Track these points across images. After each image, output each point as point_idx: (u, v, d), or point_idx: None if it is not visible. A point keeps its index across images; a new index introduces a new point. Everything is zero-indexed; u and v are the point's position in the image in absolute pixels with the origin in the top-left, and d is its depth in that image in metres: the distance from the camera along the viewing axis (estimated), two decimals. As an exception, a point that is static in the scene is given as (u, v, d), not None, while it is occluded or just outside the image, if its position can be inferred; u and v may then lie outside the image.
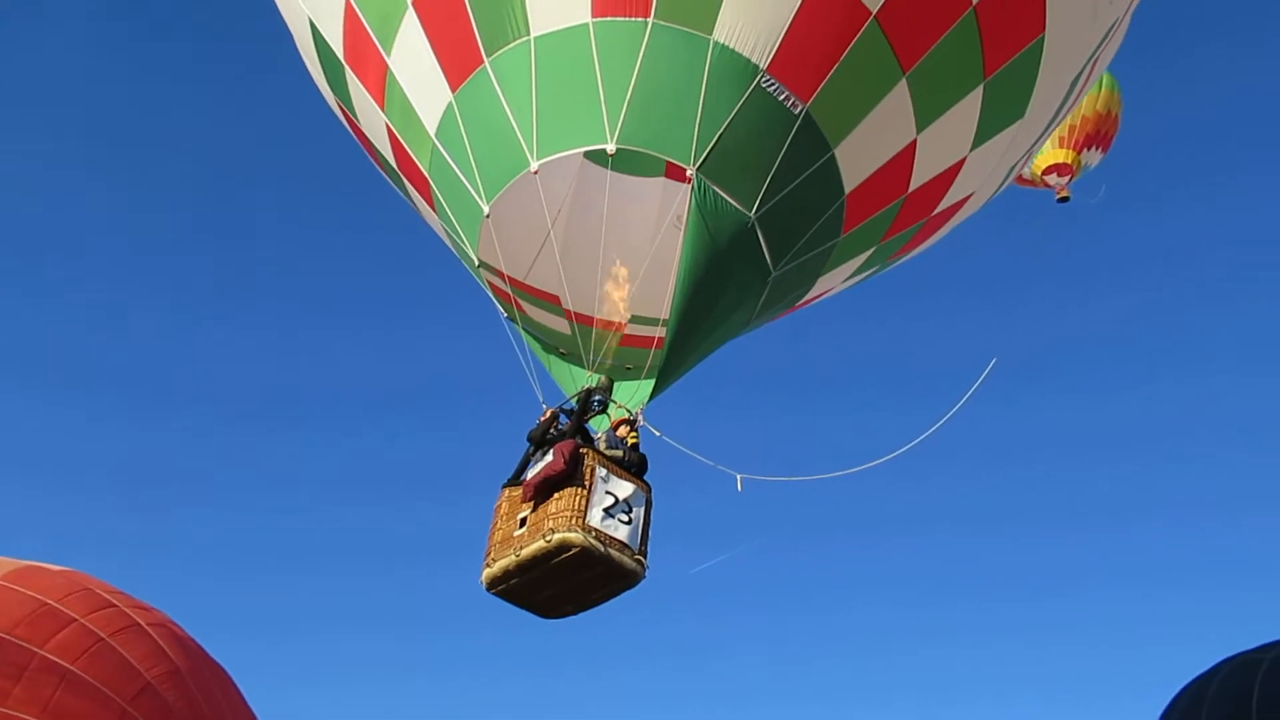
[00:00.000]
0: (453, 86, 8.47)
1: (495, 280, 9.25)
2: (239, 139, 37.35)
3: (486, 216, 8.47)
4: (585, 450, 7.26)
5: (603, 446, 7.52)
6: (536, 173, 8.15)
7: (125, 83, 34.97)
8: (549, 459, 7.13)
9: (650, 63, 7.89)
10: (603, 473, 7.19)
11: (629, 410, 8.19)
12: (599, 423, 8.22)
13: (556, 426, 7.72)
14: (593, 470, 7.15)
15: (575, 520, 6.91)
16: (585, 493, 7.02)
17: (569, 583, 7.19)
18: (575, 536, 6.86)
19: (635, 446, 7.79)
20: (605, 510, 7.05)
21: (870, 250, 9.58)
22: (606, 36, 7.92)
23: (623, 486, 7.24)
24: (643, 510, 7.31)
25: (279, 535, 34.79)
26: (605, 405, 8.16)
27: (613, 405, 8.24)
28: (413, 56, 8.68)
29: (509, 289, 9.41)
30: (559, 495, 7.06)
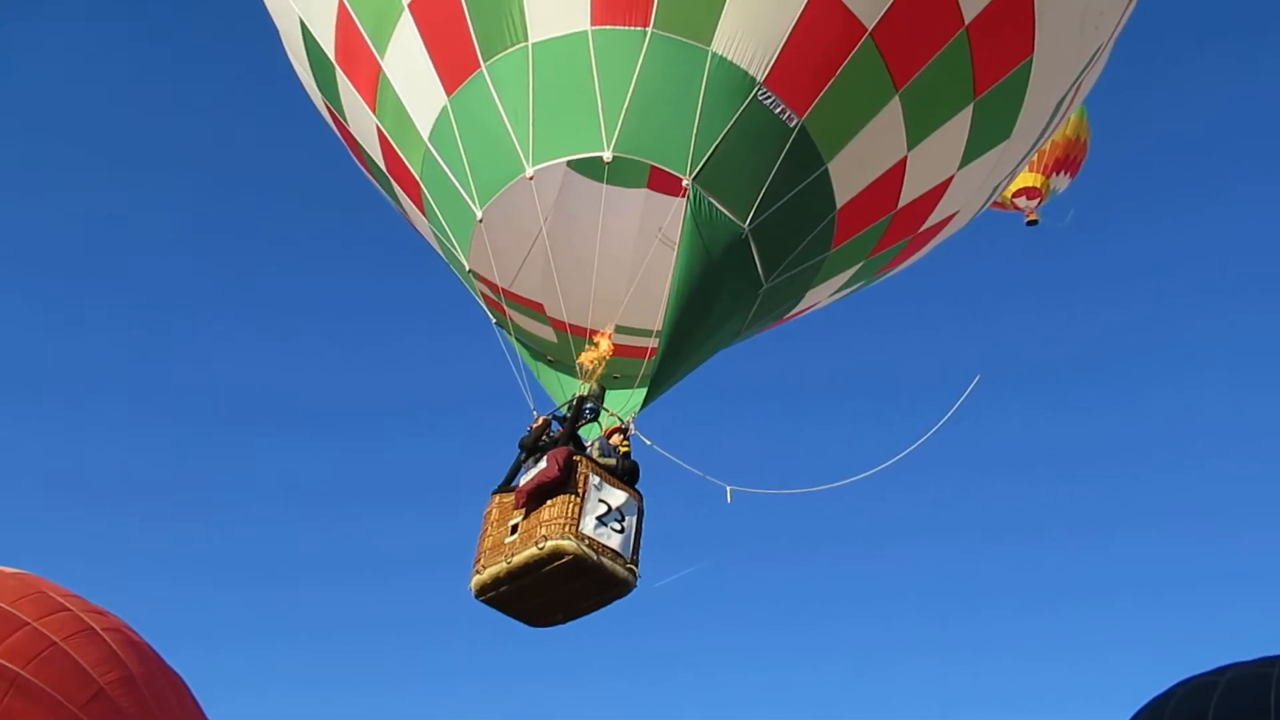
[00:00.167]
0: (448, 90, 8.43)
1: (484, 286, 9.19)
2: (217, 141, 36.82)
3: (479, 221, 8.42)
4: (578, 458, 7.21)
5: (596, 454, 7.47)
6: (532, 178, 8.13)
7: (105, 82, 34.34)
8: (542, 465, 7.07)
9: (648, 72, 7.89)
10: (596, 480, 7.14)
11: (621, 419, 8.16)
12: (589, 431, 8.16)
13: (548, 434, 7.67)
14: (586, 478, 7.10)
15: (568, 528, 6.85)
16: (578, 500, 6.97)
17: (560, 591, 7.12)
18: (568, 544, 6.80)
19: (627, 455, 7.76)
20: (598, 518, 7.00)
21: (858, 265, 9.65)
22: (605, 45, 7.92)
23: (615, 495, 7.19)
24: (635, 519, 7.27)
25: (245, 544, 34.21)
26: (597, 413, 8.11)
27: (604, 413, 8.19)
28: (407, 59, 8.62)
29: (497, 295, 9.35)
30: (552, 502, 6.99)
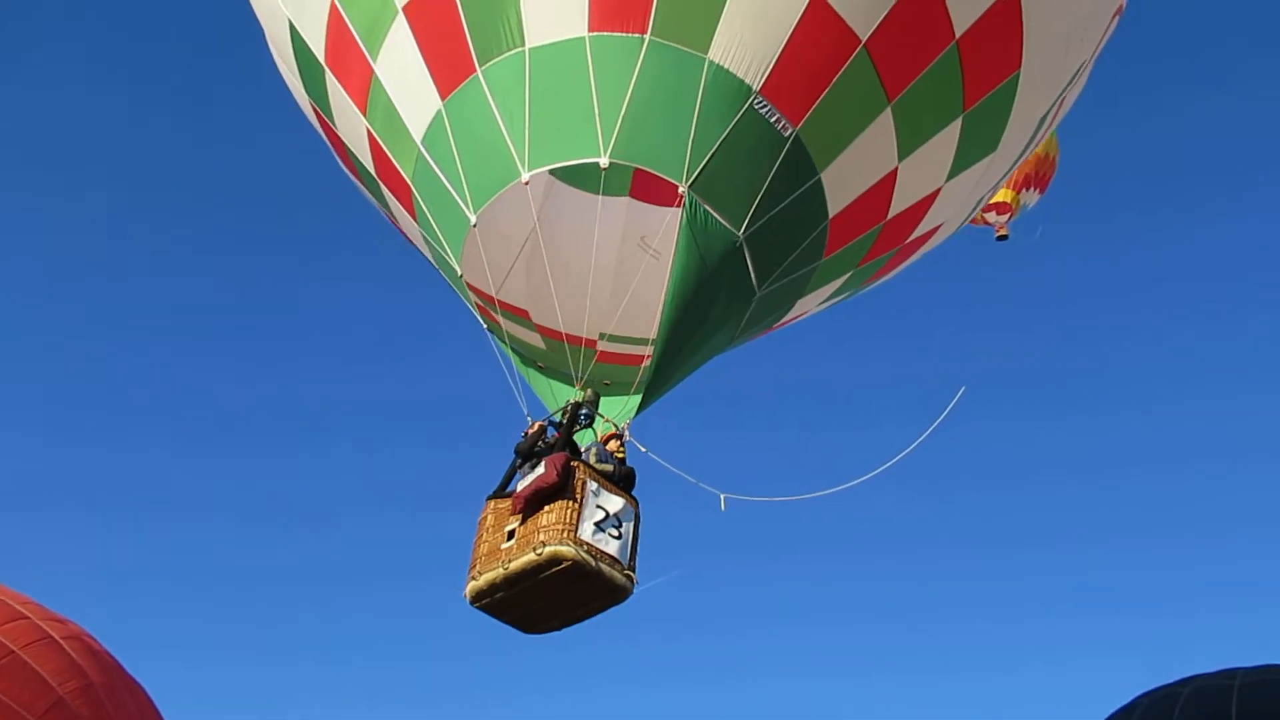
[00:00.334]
0: (442, 94, 8.39)
1: (475, 292, 9.15)
2: (196, 142, 36.34)
3: (473, 226, 8.38)
4: (576, 464, 7.18)
5: (593, 460, 7.44)
6: (527, 184, 8.10)
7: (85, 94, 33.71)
8: (540, 471, 7.03)
9: (645, 79, 7.90)
10: (593, 486, 7.11)
11: (615, 425, 8.13)
12: (582, 437, 8.14)
13: (544, 440, 7.63)
14: (584, 483, 7.07)
15: (566, 533, 6.81)
16: (576, 506, 6.93)
17: (557, 597, 7.07)
18: (567, 550, 6.76)
19: (622, 461, 7.73)
20: (596, 524, 6.97)
21: (848, 274, 9.71)
22: (602, 51, 7.92)
23: (613, 501, 7.17)
24: (632, 525, 7.25)
25: (209, 552, 33.66)
26: (591, 419, 8.09)
27: (599, 419, 8.17)
28: (400, 62, 8.57)
29: (487, 302, 9.31)
30: (549, 508, 6.95)
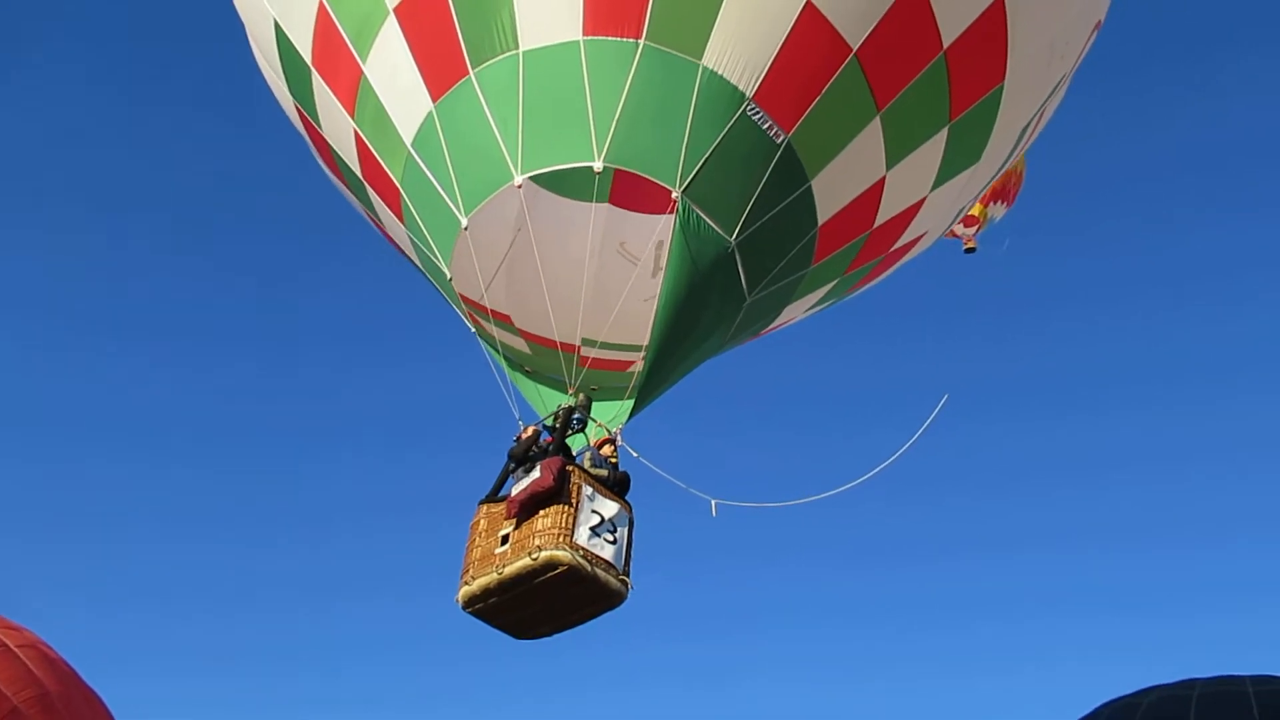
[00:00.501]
0: (434, 96, 8.33)
1: (463, 295, 9.08)
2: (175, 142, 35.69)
3: (464, 229, 8.32)
4: (571, 468, 7.14)
5: (587, 465, 7.41)
6: (520, 187, 8.07)
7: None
8: (536, 475, 6.98)
9: (640, 84, 7.90)
10: (589, 491, 7.08)
11: (608, 429, 8.11)
12: (574, 442, 8.09)
13: (538, 444, 7.58)
14: (579, 488, 7.03)
15: (562, 538, 6.77)
16: (572, 511, 6.90)
17: (551, 602, 7.03)
18: (563, 554, 6.72)
19: (615, 466, 7.71)
20: (592, 529, 6.94)
21: (834, 282, 9.76)
22: (597, 55, 7.91)
23: (608, 506, 7.14)
24: (626, 530, 7.22)
25: (165, 562, 32.96)
26: (584, 424, 8.06)
27: (592, 424, 8.14)
28: (391, 64, 8.51)
29: (473, 305, 9.25)
30: (545, 512, 6.91)
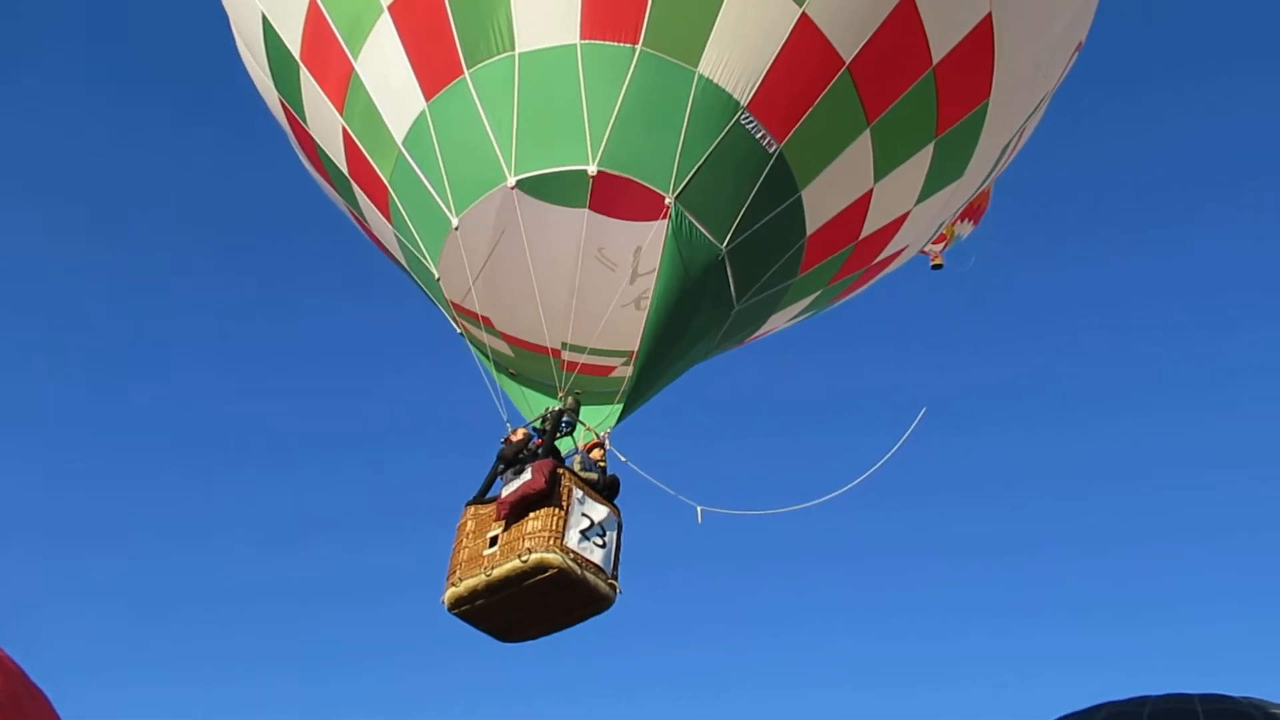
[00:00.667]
0: (427, 95, 8.29)
1: (451, 295, 9.03)
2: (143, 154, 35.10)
3: (455, 229, 8.28)
4: (562, 471, 7.12)
5: (577, 468, 7.39)
6: (513, 188, 8.04)
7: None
8: (527, 477, 6.94)
9: (636, 89, 7.92)
10: (579, 494, 7.06)
11: (597, 433, 8.09)
12: (561, 445, 8.07)
13: (528, 447, 7.55)
14: (569, 491, 7.01)
15: (553, 541, 6.74)
16: (563, 514, 6.87)
17: (538, 605, 6.99)
18: (554, 557, 6.69)
19: (604, 470, 7.69)
20: (582, 532, 6.91)
21: (818, 292, 9.83)
22: (594, 59, 7.92)
23: (598, 509, 7.12)
24: (615, 534, 7.21)
25: (117, 565, 32.30)
26: (572, 427, 8.04)
27: (580, 427, 8.12)
28: (384, 62, 8.45)
29: (458, 308, 9.20)
30: (535, 515, 6.88)
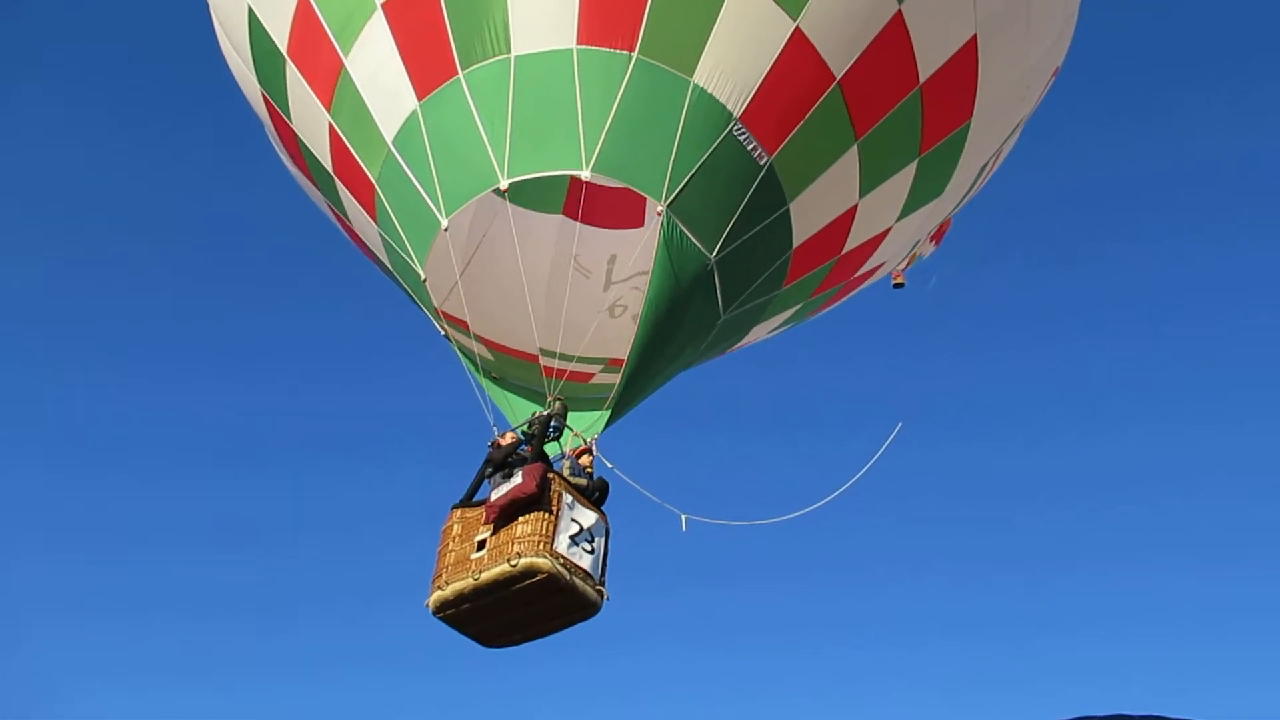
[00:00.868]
0: (420, 95, 8.24)
1: (435, 297, 8.97)
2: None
3: (444, 230, 8.22)
4: (552, 475, 7.08)
5: (567, 473, 7.36)
6: (505, 190, 8.01)
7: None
8: (517, 480, 6.90)
9: (631, 96, 7.93)
10: (569, 499, 7.02)
11: (584, 439, 8.07)
12: (548, 450, 8.03)
13: (517, 452, 7.50)
14: (559, 496, 6.97)
15: (543, 545, 6.70)
16: (552, 519, 6.83)
17: (525, 610, 6.94)
18: (543, 562, 6.64)
19: (592, 476, 7.67)
20: (571, 538, 6.88)
21: (800, 304, 9.91)
22: (589, 65, 7.92)
23: (587, 515, 7.09)
24: (603, 541, 7.19)
25: (142, 576, 31.38)
26: (560, 432, 8.00)
27: (567, 433, 8.09)
28: (375, 60, 8.39)
29: (442, 314, 9.15)
30: (524, 519, 6.83)
